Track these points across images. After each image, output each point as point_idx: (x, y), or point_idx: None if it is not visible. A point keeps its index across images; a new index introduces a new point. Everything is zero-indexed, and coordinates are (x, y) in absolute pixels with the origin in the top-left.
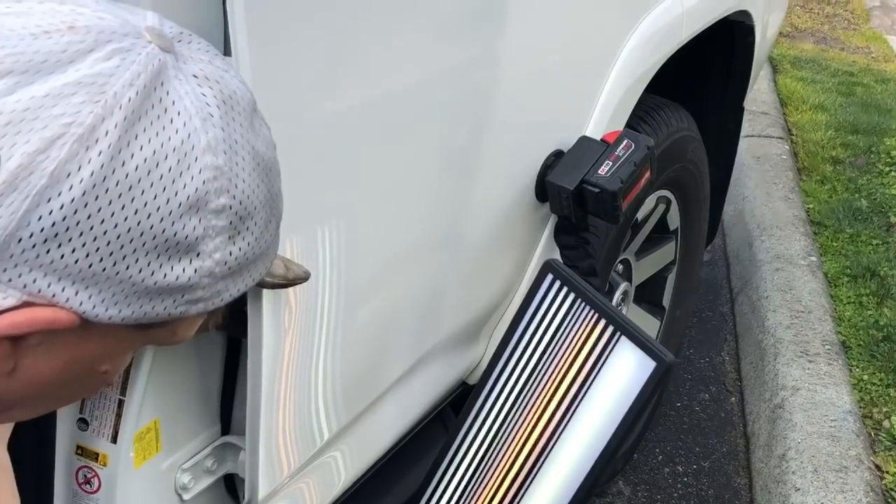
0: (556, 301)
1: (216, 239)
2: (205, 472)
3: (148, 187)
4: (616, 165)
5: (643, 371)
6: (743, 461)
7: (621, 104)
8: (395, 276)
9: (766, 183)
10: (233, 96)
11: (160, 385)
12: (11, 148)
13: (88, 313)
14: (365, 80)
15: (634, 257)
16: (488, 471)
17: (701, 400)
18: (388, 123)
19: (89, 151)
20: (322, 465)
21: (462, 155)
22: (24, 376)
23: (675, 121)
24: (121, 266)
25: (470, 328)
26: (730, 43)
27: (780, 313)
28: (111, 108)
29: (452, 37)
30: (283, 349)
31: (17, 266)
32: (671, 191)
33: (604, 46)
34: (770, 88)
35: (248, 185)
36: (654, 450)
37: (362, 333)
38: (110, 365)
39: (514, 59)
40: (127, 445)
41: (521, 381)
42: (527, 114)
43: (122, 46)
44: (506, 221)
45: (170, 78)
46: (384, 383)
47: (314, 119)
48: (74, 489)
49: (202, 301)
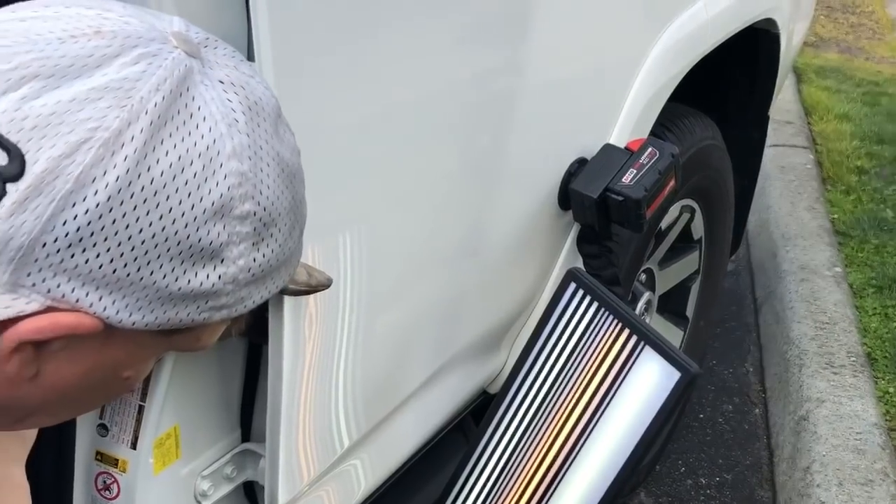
0: (580, 310)
1: (240, 245)
2: (224, 479)
3: (173, 192)
4: (640, 174)
5: (668, 381)
6: (767, 474)
7: (646, 112)
8: (416, 284)
9: (791, 193)
10: (258, 102)
11: (180, 391)
12: (37, 152)
13: (112, 318)
14: (388, 87)
15: (658, 267)
16: (509, 481)
17: (724, 411)
18: (410, 130)
19: (115, 156)
20: (342, 474)
21: (485, 162)
22: (46, 382)
23: (700, 129)
24: (145, 271)
25: (491, 337)
26: (755, 51)
27: (804, 324)
28: (137, 112)
29: (477, 44)
30: (303, 356)
31: (42, 270)
32: (695, 200)
33: (629, 54)
34: (794, 98)
35: (273, 192)
36: (677, 461)
37: (383, 341)
38: (133, 371)
39: (539, 66)
40: (147, 451)
41: (543, 390)
42: (550, 121)
43: (148, 51)
44: (528, 229)
45: (196, 83)
46: (405, 391)
47: (337, 125)
48: (94, 495)
49: (226, 308)
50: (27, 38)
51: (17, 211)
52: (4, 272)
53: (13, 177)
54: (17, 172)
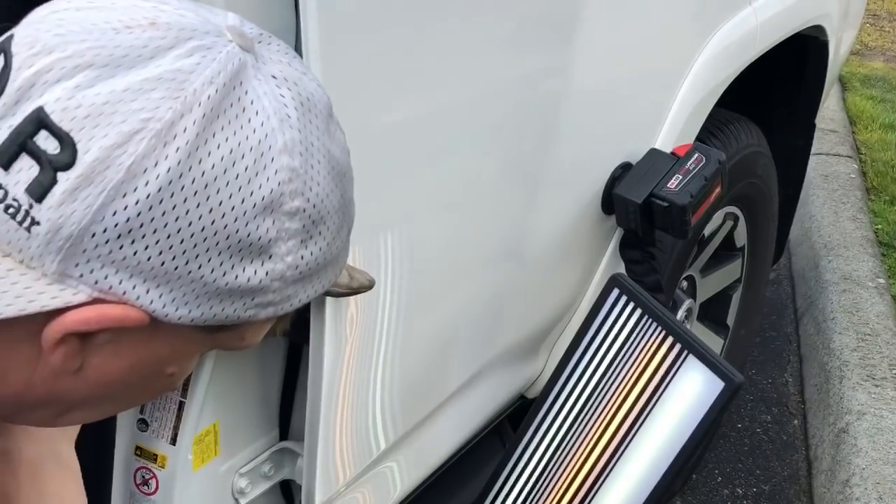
0: (622, 316)
1: (289, 242)
2: (262, 478)
3: (223, 186)
4: (686, 179)
5: (711, 391)
6: (805, 486)
7: (692, 117)
8: (457, 287)
9: (834, 202)
10: (310, 98)
11: (221, 388)
12: (89, 141)
13: (158, 312)
14: (433, 88)
15: (699, 274)
16: (547, 488)
17: (762, 422)
18: (455, 132)
19: (167, 147)
20: (378, 476)
21: (528, 165)
22: (90, 375)
23: (745, 136)
24: (193, 265)
25: (530, 341)
26: (802, 58)
27: (846, 335)
28: (190, 104)
29: (523, 46)
30: (343, 357)
31: (90, 261)
32: (739, 207)
33: (676, 58)
34: (839, 106)
35: (323, 189)
36: (714, 471)
37: (422, 343)
38: (177, 367)
39: (585, 70)
40: (186, 447)
41: (583, 396)
42: (595, 125)
43: (203, 44)
44: (570, 233)
45: (249, 77)
46: (442, 394)
47: (381, 125)
48: (132, 490)
49: (272, 305)
50: (83, 27)
51: (67, 200)
52: (53, 262)
53: (64, 166)
54: (68, 161)
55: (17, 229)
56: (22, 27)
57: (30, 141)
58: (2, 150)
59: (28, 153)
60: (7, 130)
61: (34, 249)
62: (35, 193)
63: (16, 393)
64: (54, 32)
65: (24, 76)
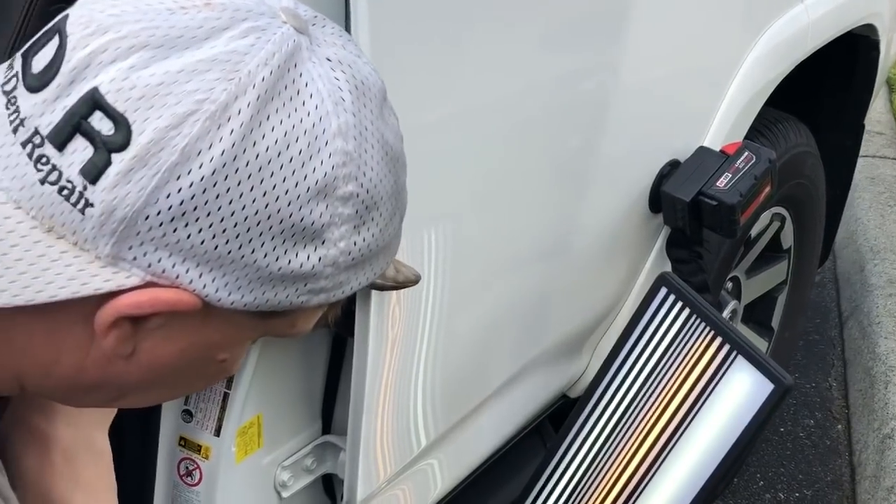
0: (670, 316)
1: (342, 227)
2: (304, 471)
3: (277, 169)
4: (735, 178)
5: (760, 393)
6: (848, 492)
7: (741, 116)
8: (501, 283)
9: (881, 205)
10: (365, 82)
11: (265, 380)
12: (144, 123)
13: (211, 297)
14: (480, 83)
15: (745, 275)
16: (590, 488)
17: (805, 426)
18: (501, 127)
19: (221, 129)
20: (418, 473)
21: (575, 161)
22: (142, 360)
23: (794, 135)
24: (246, 249)
25: (574, 340)
26: (853, 57)
27: (892, 340)
28: (245, 86)
29: (572, 42)
30: (386, 352)
31: (143, 244)
32: (786, 208)
33: (726, 55)
34: (886, 108)
35: (376, 174)
36: (755, 475)
37: (465, 340)
38: (228, 354)
39: (634, 66)
40: (230, 439)
41: (628, 396)
42: (644, 122)
43: (257, 25)
44: (617, 231)
45: (303, 59)
46: (484, 392)
47: (428, 117)
48: (176, 481)
49: (324, 292)
50: (137, 7)
51: (121, 182)
52: (106, 244)
53: (119, 147)
54: (122, 143)
55: (71, 211)
56: (76, 7)
57: (84, 122)
58: (56, 130)
59: (82, 134)
60: (62, 111)
61: (88, 232)
62: (89, 175)
63: (69, 375)
64: (109, 13)
65: (79, 56)
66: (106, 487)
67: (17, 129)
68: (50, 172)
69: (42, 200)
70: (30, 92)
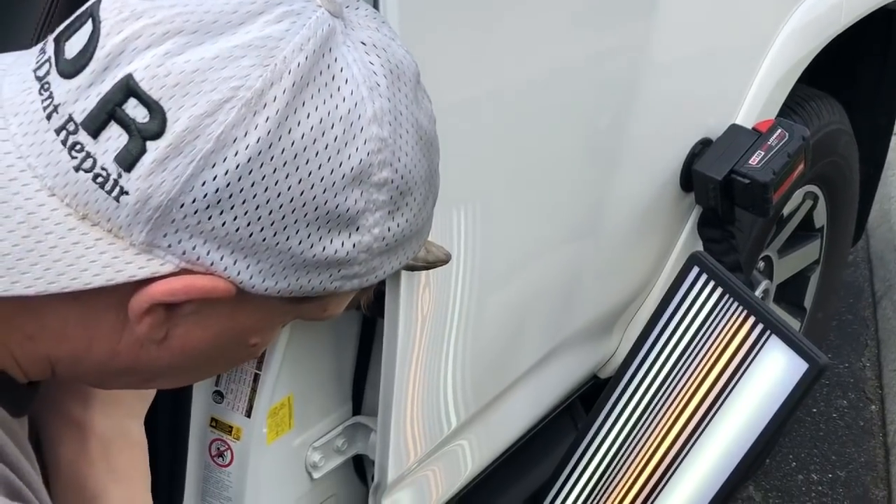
0: (702, 295)
1: (376, 213)
2: (335, 452)
3: (313, 156)
4: (768, 156)
5: (794, 373)
6: (882, 473)
7: (774, 93)
8: (531, 264)
9: None
10: (399, 66)
11: (295, 361)
12: (179, 110)
13: (245, 283)
14: (511, 63)
15: (777, 254)
16: (621, 468)
17: (839, 406)
18: (532, 107)
19: (257, 116)
20: (449, 453)
21: (605, 141)
22: (174, 345)
23: (827, 113)
24: (281, 236)
25: (605, 320)
26: (888, 33)
27: None
28: (280, 72)
29: (603, 21)
30: (416, 332)
31: (178, 232)
32: (819, 186)
33: (759, 32)
34: None
35: (411, 160)
36: (788, 456)
37: (496, 321)
38: (260, 338)
39: (665, 45)
40: (261, 420)
41: (660, 376)
42: (675, 100)
43: (292, 9)
44: (648, 211)
45: (338, 44)
46: (515, 373)
47: (457, 100)
48: (207, 462)
49: (357, 277)
50: None
51: (156, 170)
52: (141, 232)
53: (154, 134)
54: (157, 130)
55: (105, 199)
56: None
57: (118, 109)
58: (90, 117)
59: (117, 121)
60: (96, 98)
61: (123, 219)
62: (124, 162)
63: (101, 361)
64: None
65: (113, 42)
66: (140, 477)
67: (51, 116)
68: (84, 160)
69: (77, 188)
70: (63, 78)
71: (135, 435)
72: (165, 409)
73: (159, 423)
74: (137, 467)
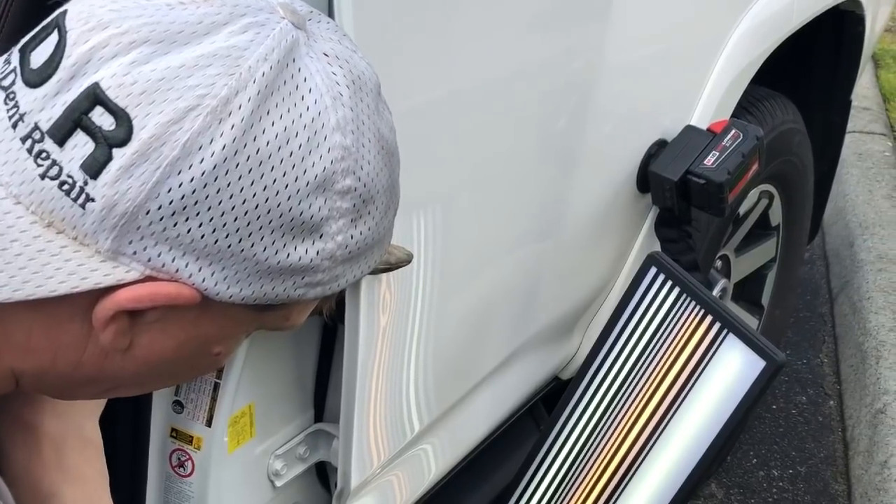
0: (660, 295)
1: (339, 221)
2: (297, 459)
3: (278, 163)
4: (723, 156)
5: (751, 370)
6: (841, 467)
7: (728, 94)
8: (491, 267)
9: (869, 180)
10: (361, 77)
11: (256, 369)
12: (145, 118)
13: (210, 290)
14: (466, 66)
15: (734, 253)
16: (584, 468)
17: (798, 403)
18: (488, 111)
19: (222, 124)
20: (413, 458)
21: (562, 143)
22: (138, 354)
23: (781, 112)
24: (246, 243)
25: (565, 321)
26: (838, 33)
27: (882, 315)
28: (245, 81)
29: (557, 23)
30: (378, 337)
31: (144, 239)
32: (774, 185)
33: (711, 34)
34: (872, 83)
35: (373, 168)
36: (749, 452)
37: (457, 324)
38: (223, 347)
39: (619, 47)
40: (221, 429)
41: (620, 376)
42: (630, 102)
43: (256, 20)
44: (605, 212)
45: (302, 55)
46: (477, 375)
47: (414, 103)
48: (168, 472)
49: (320, 285)
50: (137, 3)
51: (122, 176)
52: (107, 239)
53: (120, 142)
54: (124, 137)
55: (71, 206)
56: (75, 3)
57: (85, 117)
58: (56, 126)
59: (83, 129)
60: (62, 107)
61: (88, 227)
62: (90, 170)
63: (66, 372)
64: (109, 7)
65: (80, 52)
66: (96, 476)
67: (17, 125)
68: (50, 167)
69: (42, 195)
70: (29, 87)
71: (88, 434)
72: (125, 422)
73: (119, 436)
74: (93, 466)
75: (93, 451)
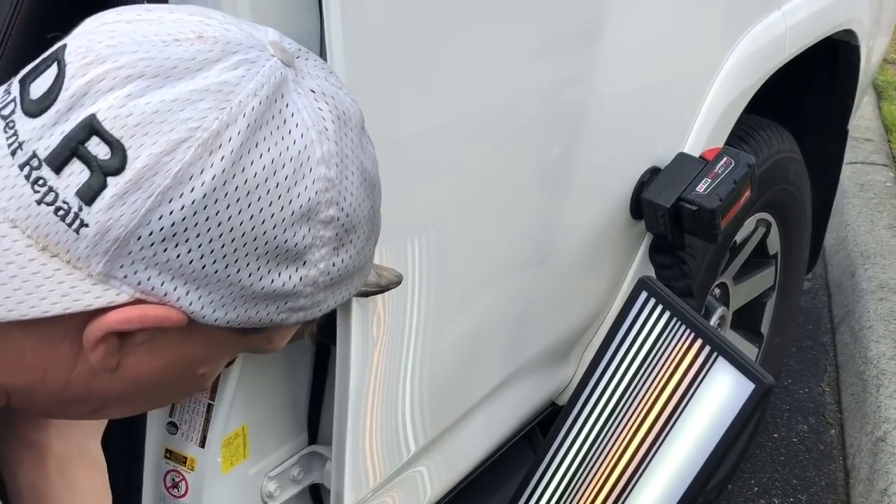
0: (651, 319)
1: (322, 249)
2: (291, 481)
3: (264, 194)
4: (715, 183)
5: (741, 393)
6: (842, 495)
7: (721, 122)
8: (485, 291)
9: (870, 211)
10: (346, 112)
11: (249, 390)
12: (139, 148)
13: (196, 314)
14: (459, 94)
15: (732, 281)
16: (577, 493)
17: (799, 431)
18: (483, 138)
19: (212, 156)
20: (407, 480)
21: (556, 169)
22: (126, 374)
23: (777, 141)
24: (232, 269)
25: (560, 347)
26: (833, 63)
27: (883, 344)
28: (235, 115)
29: (550, 51)
30: (371, 359)
31: (134, 263)
32: (771, 214)
33: (704, 62)
34: (874, 115)
35: (356, 199)
36: (750, 481)
37: (451, 347)
38: (208, 368)
39: (612, 75)
40: (215, 450)
41: (612, 401)
42: (623, 129)
43: (247, 58)
44: (599, 238)
45: (290, 91)
46: (472, 399)
47: (408, 131)
48: (162, 493)
49: (302, 310)
50: (133, 39)
51: (116, 203)
52: (99, 263)
53: (115, 171)
54: (118, 167)
55: (66, 231)
56: (74, 37)
57: (81, 146)
58: (54, 154)
59: (79, 158)
60: (60, 136)
61: (81, 251)
62: (85, 196)
63: (54, 390)
64: (106, 43)
65: (78, 84)
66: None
67: (16, 152)
68: (47, 193)
69: (38, 220)
70: (28, 117)
71: (93, 454)
72: (119, 443)
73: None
74: (97, 486)
75: (97, 470)
